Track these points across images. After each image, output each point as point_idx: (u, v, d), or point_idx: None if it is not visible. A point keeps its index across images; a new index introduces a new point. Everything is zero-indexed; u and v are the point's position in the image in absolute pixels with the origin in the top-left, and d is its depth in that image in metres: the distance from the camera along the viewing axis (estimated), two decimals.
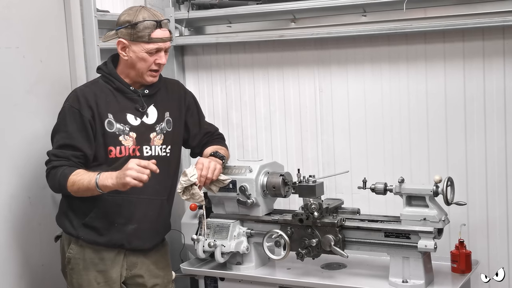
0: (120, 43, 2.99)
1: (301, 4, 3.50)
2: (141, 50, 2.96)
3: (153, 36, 2.95)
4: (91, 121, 2.96)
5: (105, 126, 2.97)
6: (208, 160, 3.09)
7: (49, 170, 2.96)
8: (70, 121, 2.96)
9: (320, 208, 3.02)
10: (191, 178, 2.99)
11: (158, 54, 2.98)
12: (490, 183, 3.29)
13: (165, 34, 2.98)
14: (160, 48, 2.98)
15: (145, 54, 2.96)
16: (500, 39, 3.19)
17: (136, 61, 2.99)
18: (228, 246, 3.16)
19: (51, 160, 2.96)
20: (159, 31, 2.96)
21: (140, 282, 3.13)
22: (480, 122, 3.28)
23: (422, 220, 2.89)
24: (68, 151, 2.94)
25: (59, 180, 2.91)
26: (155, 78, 3.06)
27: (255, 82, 3.83)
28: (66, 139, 2.95)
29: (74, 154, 2.94)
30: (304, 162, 3.69)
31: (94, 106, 2.97)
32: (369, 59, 3.50)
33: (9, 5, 3.25)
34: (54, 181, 2.94)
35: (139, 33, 2.94)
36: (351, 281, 3.04)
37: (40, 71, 3.42)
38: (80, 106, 2.96)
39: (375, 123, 3.52)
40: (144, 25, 2.93)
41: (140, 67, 3.00)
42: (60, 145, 2.96)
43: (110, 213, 3.00)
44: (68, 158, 2.93)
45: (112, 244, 3.03)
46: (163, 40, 2.97)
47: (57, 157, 2.95)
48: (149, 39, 2.94)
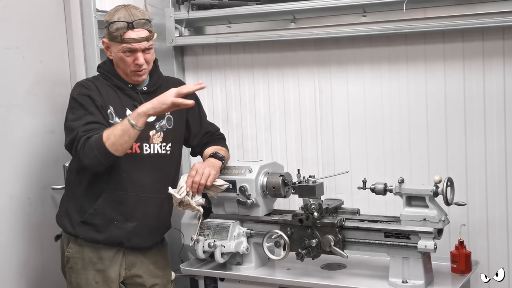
0: (104, 42, 3.03)
1: (301, 4, 3.50)
2: (118, 50, 2.96)
3: (125, 37, 2.93)
4: (102, 105, 2.96)
5: (108, 116, 2.97)
6: (203, 166, 3.08)
7: (84, 145, 2.83)
8: (87, 104, 2.94)
9: (320, 209, 3.02)
10: (179, 195, 2.98)
11: (135, 55, 2.96)
12: (490, 183, 3.29)
13: (139, 34, 2.94)
14: (134, 49, 2.95)
15: (122, 54, 2.96)
16: (500, 39, 3.19)
17: (117, 61, 3.01)
18: (228, 246, 3.16)
19: (80, 137, 2.85)
20: (131, 32, 2.93)
21: (139, 282, 3.13)
22: (479, 122, 3.28)
23: (422, 221, 2.89)
24: (95, 124, 2.89)
25: (95, 143, 2.80)
26: (141, 77, 3.04)
27: (255, 82, 3.83)
28: (90, 118, 2.90)
29: (101, 127, 2.89)
30: (304, 163, 3.69)
31: (99, 94, 2.98)
32: (369, 59, 3.50)
33: (9, 5, 3.25)
34: (91, 150, 2.81)
35: (113, 34, 2.94)
36: (351, 281, 3.04)
37: (40, 71, 3.42)
38: (90, 92, 2.96)
39: (375, 123, 3.52)
40: (116, 25, 2.93)
41: (122, 67, 3.01)
42: (85, 124, 2.89)
43: (110, 211, 3.00)
44: (97, 129, 2.87)
45: (111, 241, 3.03)
46: (136, 41, 2.93)
47: (86, 131, 2.86)
48: (121, 40, 2.93)
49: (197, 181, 3.02)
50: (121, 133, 2.80)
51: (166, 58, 3.89)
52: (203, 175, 3.03)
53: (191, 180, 3.02)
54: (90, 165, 2.87)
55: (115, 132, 2.81)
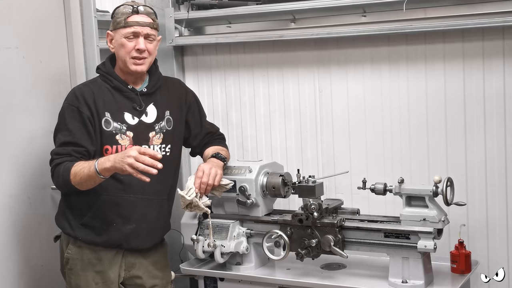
0: (108, 35, 3.06)
1: (301, 4, 3.50)
2: (120, 36, 2.99)
3: (129, 20, 2.97)
4: (90, 118, 2.96)
5: (102, 125, 2.97)
6: (209, 166, 3.08)
7: (53, 170, 2.94)
8: (70, 119, 2.96)
9: (320, 209, 3.02)
10: (188, 197, 2.99)
11: (136, 40, 2.98)
12: (490, 183, 3.29)
13: (143, 19, 2.99)
14: (137, 32, 2.97)
15: (124, 39, 2.98)
16: (500, 39, 3.19)
17: (118, 49, 3.02)
18: (228, 246, 3.16)
19: (53, 159, 2.95)
20: (135, 15, 2.98)
21: (138, 283, 3.12)
22: (479, 122, 3.28)
23: (421, 221, 2.89)
24: (69, 147, 2.93)
25: (62, 175, 2.88)
26: (139, 67, 3.02)
27: (255, 82, 3.83)
28: (67, 136, 2.95)
29: (76, 150, 2.93)
30: (303, 163, 3.69)
31: (92, 104, 2.97)
32: (369, 59, 3.50)
33: (9, 5, 3.25)
34: (58, 178, 2.91)
35: (117, 19, 3.00)
36: (350, 281, 3.04)
37: (40, 71, 3.42)
38: (79, 104, 2.97)
39: (375, 124, 3.52)
40: (120, 11, 3.00)
41: (122, 55, 3.01)
42: (61, 143, 2.95)
43: (109, 213, 3.00)
44: (70, 154, 2.92)
45: (110, 244, 3.02)
46: (140, 24, 2.97)
47: (59, 155, 2.93)
48: (125, 23, 2.97)
49: (205, 181, 3.02)
50: (87, 177, 2.83)
51: (166, 58, 3.89)
52: (211, 175, 3.04)
53: (199, 181, 3.02)
54: (56, 187, 3.01)
55: (82, 174, 2.84)
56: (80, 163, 2.88)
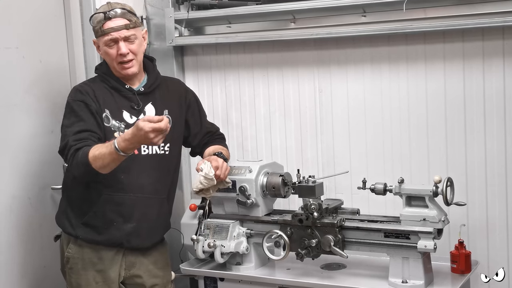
0: (94, 43, 3.07)
1: (301, 4, 3.50)
2: (102, 44, 2.99)
3: (105, 28, 2.95)
4: (97, 110, 2.96)
5: (104, 119, 2.97)
6: (221, 160, 3.08)
7: (72, 157, 2.85)
8: (80, 110, 2.95)
9: (320, 209, 3.02)
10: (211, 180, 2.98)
11: (117, 45, 2.97)
12: (490, 183, 3.29)
13: (117, 23, 2.95)
14: (115, 38, 2.95)
15: (106, 48, 2.98)
16: (500, 39, 3.19)
17: (105, 56, 3.03)
18: (228, 246, 3.16)
19: (71, 146, 2.86)
20: (109, 22, 2.95)
21: (139, 282, 3.13)
22: (479, 123, 3.28)
23: (421, 221, 2.89)
24: (85, 133, 2.89)
25: (81, 161, 2.81)
26: (130, 70, 3.02)
27: (255, 82, 3.83)
28: (82, 125, 2.91)
29: (92, 135, 2.90)
30: (303, 163, 3.69)
31: (94, 99, 2.98)
32: (369, 59, 3.50)
33: (9, 5, 3.26)
34: (78, 165, 2.83)
35: (95, 28, 2.99)
36: (350, 281, 3.04)
37: (40, 71, 3.42)
38: (84, 98, 2.97)
39: (375, 124, 3.51)
40: (95, 19, 2.97)
41: (109, 62, 3.02)
42: (76, 132, 2.90)
43: (109, 212, 3.00)
44: (87, 138, 2.88)
45: (111, 243, 3.03)
46: (115, 30, 2.95)
47: (76, 140, 2.87)
48: (102, 32, 2.96)
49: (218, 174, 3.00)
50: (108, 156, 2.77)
51: (166, 58, 3.89)
52: (223, 169, 3.04)
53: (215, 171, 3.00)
54: (77, 176, 2.91)
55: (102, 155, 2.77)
56: (97, 145, 2.83)
